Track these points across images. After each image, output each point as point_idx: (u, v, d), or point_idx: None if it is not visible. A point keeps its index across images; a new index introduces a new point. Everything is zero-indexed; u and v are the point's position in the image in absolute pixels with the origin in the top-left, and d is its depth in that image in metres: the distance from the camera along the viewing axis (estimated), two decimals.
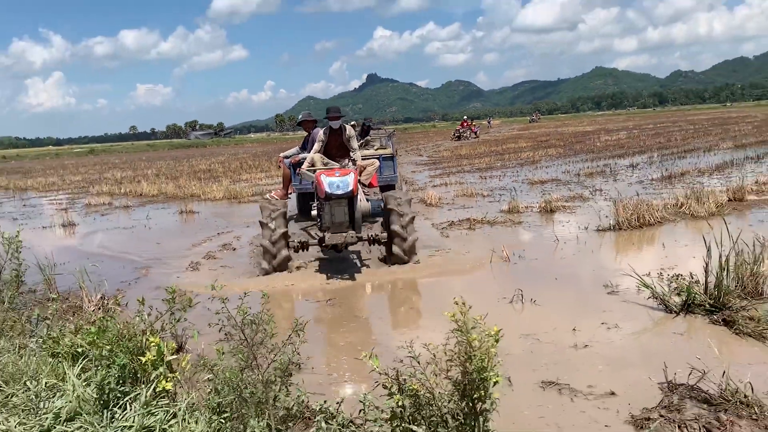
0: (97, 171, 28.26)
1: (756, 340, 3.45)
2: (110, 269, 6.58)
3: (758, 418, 2.51)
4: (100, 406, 2.35)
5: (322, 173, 5.52)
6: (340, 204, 5.43)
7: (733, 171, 11.91)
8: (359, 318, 4.52)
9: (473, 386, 1.98)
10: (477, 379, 1.96)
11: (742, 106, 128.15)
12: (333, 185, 5.33)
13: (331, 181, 5.36)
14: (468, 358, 1.96)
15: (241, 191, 13.71)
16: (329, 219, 5.50)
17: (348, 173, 5.45)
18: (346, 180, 5.36)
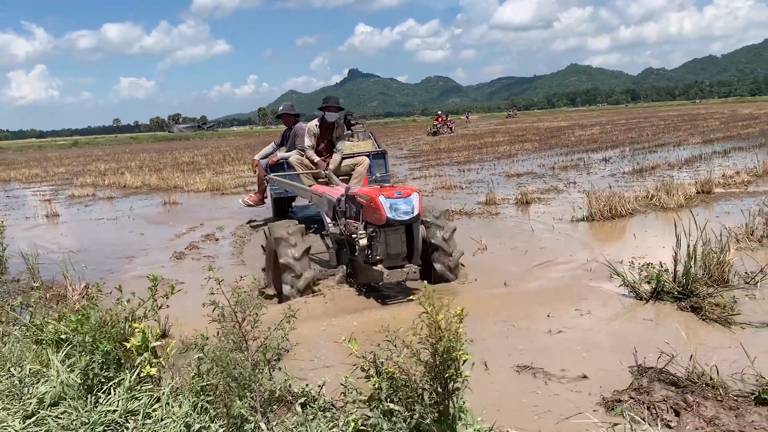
0: (81, 163, 27.91)
1: (722, 326, 3.58)
2: (94, 259, 6.60)
3: (723, 399, 2.62)
4: (84, 392, 2.38)
5: (380, 192, 4.19)
6: (397, 231, 4.27)
7: (701, 165, 12.19)
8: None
9: (444, 365, 2.05)
10: (447, 358, 2.03)
11: (710, 102, 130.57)
12: (396, 209, 4.13)
13: (393, 204, 4.12)
14: (438, 339, 2.03)
15: (224, 183, 13.83)
16: (383, 250, 4.29)
17: (411, 192, 4.22)
18: (411, 201, 4.16)
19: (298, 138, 7.85)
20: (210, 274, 2.25)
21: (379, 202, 4.14)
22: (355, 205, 4.49)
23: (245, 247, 6.92)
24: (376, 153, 7.97)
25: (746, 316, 3.64)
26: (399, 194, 4.18)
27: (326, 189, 5.25)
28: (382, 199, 4.15)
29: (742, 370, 2.80)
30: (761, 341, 3.27)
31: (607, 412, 2.61)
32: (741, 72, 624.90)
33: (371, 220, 4.27)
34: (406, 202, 4.17)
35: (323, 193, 5.32)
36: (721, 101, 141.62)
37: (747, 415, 2.46)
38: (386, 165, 8.01)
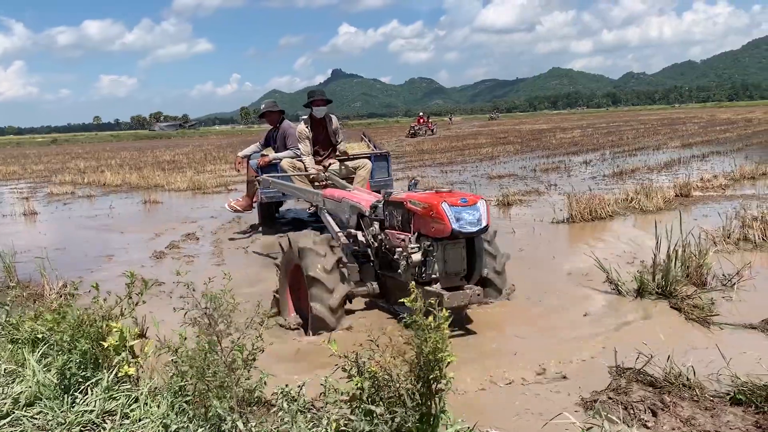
0: (60, 161, 27.59)
1: (701, 326, 3.63)
2: (72, 258, 6.54)
3: (699, 400, 2.65)
4: (61, 391, 2.34)
5: (442, 198, 3.46)
6: (457, 245, 3.57)
7: (680, 168, 12.37)
8: None
9: (429, 367, 2.05)
10: (432, 359, 2.03)
11: (689, 107, 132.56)
12: (461, 219, 3.41)
13: (459, 213, 3.41)
14: (423, 340, 2.03)
15: (205, 182, 13.76)
16: (441, 268, 3.57)
17: (477, 199, 3.53)
18: (478, 210, 3.47)
19: (289, 138, 7.22)
20: (179, 278, 2.23)
21: (442, 211, 3.40)
22: (400, 213, 3.73)
23: (224, 246, 6.88)
24: (378, 155, 7.34)
25: (723, 318, 3.70)
26: (464, 201, 3.45)
27: (347, 193, 4.59)
28: (446, 207, 3.41)
29: (718, 370, 2.83)
30: (737, 342, 3.32)
31: (585, 413, 2.63)
32: (719, 77, 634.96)
33: (428, 231, 3.51)
34: (473, 210, 3.46)
35: (344, 198, 4.52)
36: (699, 106, 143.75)
37: (722, 416, 2.50)
38: (389, 168, 7.39)
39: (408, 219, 3.71)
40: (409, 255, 3.54)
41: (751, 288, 4.22)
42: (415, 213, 3.61)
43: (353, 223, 4.29)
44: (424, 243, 3.53)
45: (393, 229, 3.85)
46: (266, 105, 7.71)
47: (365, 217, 4.16)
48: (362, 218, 4.24)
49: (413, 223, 3.65)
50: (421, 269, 3.57)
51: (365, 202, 4.25)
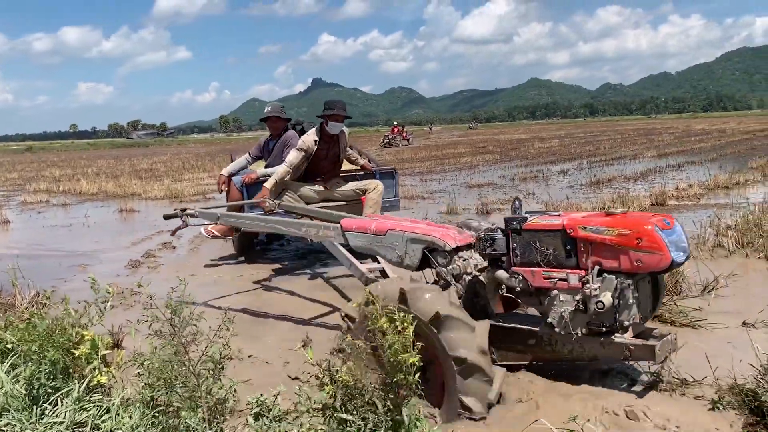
0: (35, 169, 27.19)
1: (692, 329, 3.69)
2: (46, 267, 6.45)
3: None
4: (30, 402, 2.29)
5: (652, 222, 2.67)
6: (644, 281, 2.90)
7: (656, 178, 12.55)
8: None
9: (393, 371, 2.05)
10: (394, 362, 2.03)
11: (665, 118, 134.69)
12: (675, 245, 2.68)
13: (672, 238, 2.69)
14: (387, 345, 2.04)
15: (183, 190, 13.66)
16: (635, 311, 2.79)
17: (672, 218, 2.80)
18: (681, 232, 2.77)
19: (288, 149, 6.05)
20: (141, 289, 2.21)
21: (658, 238, 2.62)
22: (553, 244, 2.84)
23: (201, 256, 6.82)
24: (384, 171, 6.26)
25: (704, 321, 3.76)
26: (667, 223, 2.72)
27: (396, 223, 3.46)
28: (660, 233, 2.64)
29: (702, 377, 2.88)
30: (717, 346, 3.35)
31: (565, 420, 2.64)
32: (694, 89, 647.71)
33: (625, 265, 2.69)
34: (679, 234, 2.75)
35: (393, 230, 3.37)
36: (675, 117, 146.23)
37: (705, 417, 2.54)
38: (396, 187, 6.36)
39: (572, 251, 2.79)
40: (590, 298, 2.67)
41: (728, 294, 4.28)
42: (595, 242, 2.72)
43: (413, 262, 3.26)
44: (618, 281, 2.68)
45: (530, 265, 2.89)
46: (272, 108, 6.46)
47: (443, 253, 3.13)
48: (436, 254, 3.17)
49: (588, 255, 2.76)
50: (615, 314, 2.69)
51: (439, 233, 3.18)
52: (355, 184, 5.86)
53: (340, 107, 5.61)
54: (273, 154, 6.30)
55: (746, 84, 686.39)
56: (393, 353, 1.98)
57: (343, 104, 5.69)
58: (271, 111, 6.40)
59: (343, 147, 5.84)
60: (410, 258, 3.27)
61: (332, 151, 5.76)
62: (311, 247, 7.02)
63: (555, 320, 2.78)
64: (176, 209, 4.91)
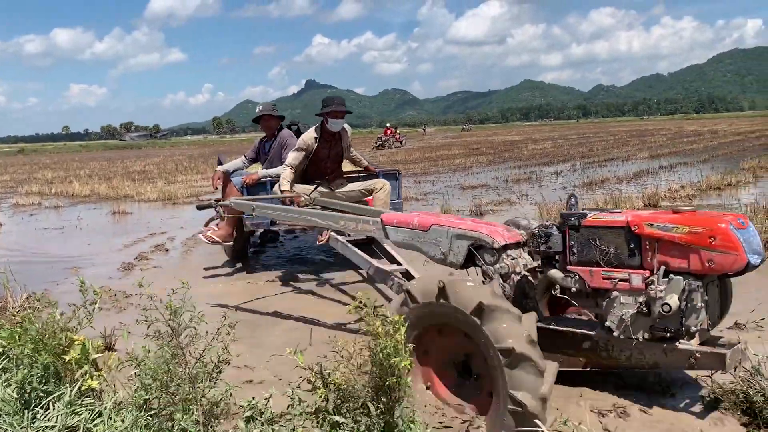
0: (27, 171, 27.06)
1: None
2: (38, 269, 6.41)
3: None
4: (21, 407, 2.28)
5: (727, 220, 2.52)
6: (712, 284, 2.74)
7: (648, 179, 12.61)
8: None
9: (384, 374, 2.05)
10: (387, 366, 2.04)
11: (657, 119, 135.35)
12: (750, 246, 2.51)
13: (747, 238, 2.52)
14: (377, 348, 2.04)
15: (176, 192, 13.61)
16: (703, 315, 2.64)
17: (748, 219, 2.68)
18: (755, 232, 2.59)
19: (286, 150, 5.86)
20: (141, 290, 2.20)
21: (733, 237, 2.46)
22: (615, 242, 2.67)
23: (194, 258, 6.80)
24: (388, 172, 6.01)
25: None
26: (742, 222, 2.56)
27: (440, 219, 3.31)
28: (736, 232, 2.48)
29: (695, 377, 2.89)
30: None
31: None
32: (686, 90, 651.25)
33: (696, 266, 2.53)
34: (754, 234, 2.57)
35: (437, 225, 3.22)
36: (667, 118, 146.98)
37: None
38: (399, 188, 6.07)
39: (636, 249, 2.64)
40: (655, 300, 2.52)
41: None
42: (662, 241, 2.57)
43: (457, 259, 3.09)
44: (686, 282, 2.51)
45: (587, 264, 2.73)
46: (263, 107, 6.21)
47: (490, 250, 2.96)
48: (483, 251, 3.00)
49: (653, 254, 2.59)
50: (670, 319, 2.53)
51: (486, 230, 3.02)
52: (360, 184, 5.61)
53: (339, 103, 5.40)
54: (270, 155, 6.02)
55: (738, 85, 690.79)
56: (385, 356, 1.99)
57: (341, 100, 5.47)
58: (262, 110, 6.16)
59: (345, 146, 5.64)
60: (454, 255, 3.11)
61: (334, 151, 5.54)
62: (306, 250, 7.02)
63: (614, 323, 2.62)
64: (210, 200, 4.83)
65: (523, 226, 3.10)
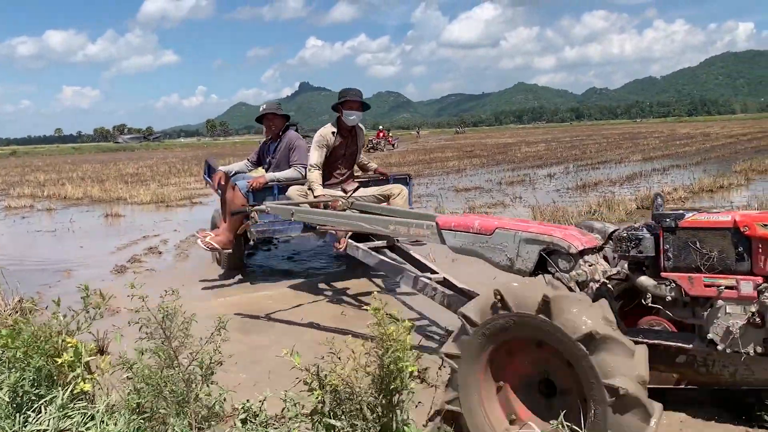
0: (19, 173, 26.91)
1: None
2: (30, 272, 6.36)
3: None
4: (13, 410, 2.26)
5: None
6: None
7: (641, 181, 12.66)
8: None
9: (390, 377, 2.05)
10: (393, 369, 2.03)
11: (650, 122, 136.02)
12: None
13: None
14: (385, 350, 2.03)
15: (169, 195, 13.58)
16: None
17: None
18: None
19: (295, 152, 5.54)
20: (133, 291, 2.19)
21: None
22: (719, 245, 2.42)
23: (188, 261, 6.78)
24: (399, 177, 5.69)
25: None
26: None
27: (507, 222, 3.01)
28: None
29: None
30: None
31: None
32: (679, 93, 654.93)
33: None
34: None
35: (501, 228, 2.91)
36: (660, 121, 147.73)
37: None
38: (410, 194, 5.65)
39: (745, 253, 2.38)
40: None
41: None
42: None
43: (526, 266, 2.81)
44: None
45: (686, 270, 2.47)
46: (268, 106, 5.81)
47: (566, 256, 2.67)
48: (556, 257, 2.71)
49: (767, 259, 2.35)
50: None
51: (561, 233, 2.73)
52: (375, 189, 5.21)
53: (354, 93, 5.06)
54: (277, 157, 5.62)
55: (730, 88, 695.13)
56: (393, 360, 1.98)
57: (358, 91, 5.12)
58: (266, 109, 5.77)
59: (361, 144, 5.37)
60: (523, 261, 2.82)
61: (350, 149, 5.21)
62: (301, 254, 7.01)
63: (718, 336, 2.33)
64: (243, 205, 4.56)
65: (598, 230, 2.86)
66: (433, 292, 3.45)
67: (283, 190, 5.26)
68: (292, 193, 5.14)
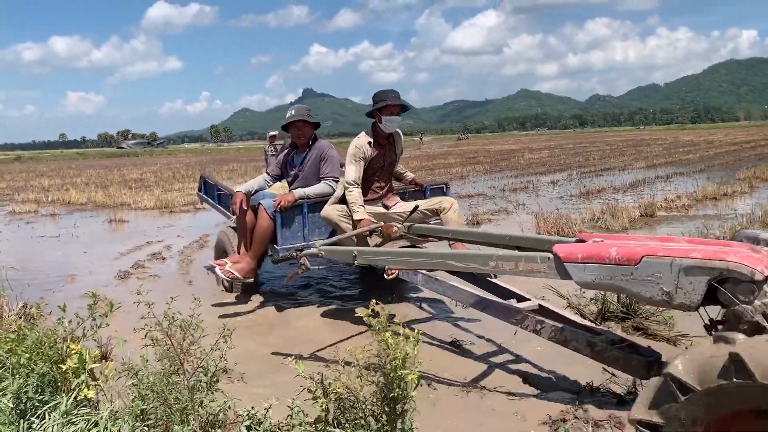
0: (23, 178, 27.00)
1: (666, 342, 3.70)
2: (34, 277, 6.36)
3: None
4: (17, 417, 2.27)
5: None
6: None
7: (645, 189, 12.64)
8: None
9: (392, 386, 2.04)
10: (395, 377, 2.03)
11: (653, 129, 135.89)
12: None
13: None
14: (386, 358, 2.03)
15: (173, 200, 13.58)
16: None
17: None
18: None
19: (326, 163, 4.87)
20: (139, 297, 2.20)
21: None
22: None
23: (191, 267, 6.78)
24: (435, 186, 5.30)
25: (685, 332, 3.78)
26: None
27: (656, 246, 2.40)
28: None
29: None
30: None
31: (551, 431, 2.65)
32: (682, 100, 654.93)
33: None
34: None
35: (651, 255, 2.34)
36: (663, 128, 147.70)
37: None
38: None
39: None
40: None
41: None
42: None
43: (692, 299, 2.24)
44: None
45: None
46: (297, 112, 4.97)
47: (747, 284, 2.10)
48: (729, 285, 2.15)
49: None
50: None
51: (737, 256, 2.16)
52: (423, 203, 4.47)
53: (394, 96, 4.41)
54: (305, 170, 4.91)
55: (733, 96, 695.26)
56: (393, 368, 1.98)
57: (397, 93, 4.46)
58: (295, 115, 4.94)
59: (399, 151, 4.75)
60: (687, 294, 2.25)
61: (388, 159, 4.61)
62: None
63: None
64: (293, 252, 3.68)
65: (765, 240, 2.34)
66: (537, 326, 2.88)
67: (313, 208, 4.63)
68: (331, 214, 4.37)
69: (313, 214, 4.63)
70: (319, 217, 4.52)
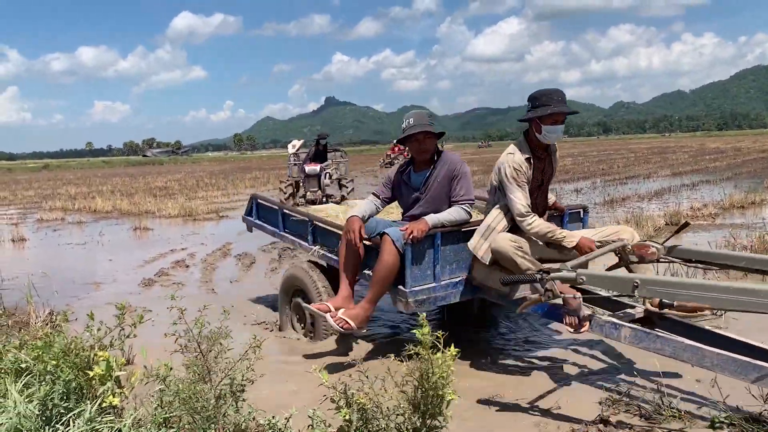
0: (51, 186, 27.56)
1: None
2: (60, 285, 6.46)
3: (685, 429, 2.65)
4: (43, 423, 2.29)
5: None
6: None
7: (670, 197, 12.46)
8: None
9: (428, 402, 2.03)
10: (433, 395, 2.02)
11: (679, 136, 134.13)
12: None
13: None
14: (426, 376, 2.02)
15: (196, 208, 13.74)
16: None
17: None
18: None
19: (460, 183, 3.94)
20: (172, 303, 2.21)
21: None
22: None
23: (214, 275, 6.84)
24: (573, 210, 4.53)
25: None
26: None
27: None
28: None
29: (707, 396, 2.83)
30: None
31: None
32: (708, 107, 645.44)
33: None
34: None
35: None
36: (689, 135, 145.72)
37: None
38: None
39: None
40: None
41: (740, 316, 4.22)
42: None
43: None
44: None
45: None
46: (415, 120, 4.00)
47: None
48: None
49: None
50: None
51: None
52: (592, 232, 3.74)
53: (560, 100, 3.54)
54: (431, 191, 3.95)
55: (762, 102, 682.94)
56: (432, 386, 1.97)
57: (561, 94, 3.59)
58: (415, 125, 3.95)
59: (556, 165, 3.96)
60: None
61: (547, 174, 3.82)
62: None
63: None
64: (537, 272, 2.93)
65: None
66: None
67: (447, 239, 3.74)
68: (505, 246, 3.39)
69: (449, 246, 3.75)
70: (467, 247, 3.67)
